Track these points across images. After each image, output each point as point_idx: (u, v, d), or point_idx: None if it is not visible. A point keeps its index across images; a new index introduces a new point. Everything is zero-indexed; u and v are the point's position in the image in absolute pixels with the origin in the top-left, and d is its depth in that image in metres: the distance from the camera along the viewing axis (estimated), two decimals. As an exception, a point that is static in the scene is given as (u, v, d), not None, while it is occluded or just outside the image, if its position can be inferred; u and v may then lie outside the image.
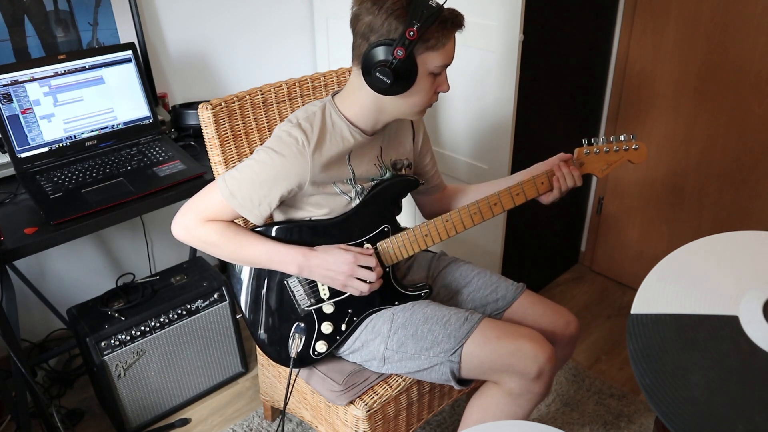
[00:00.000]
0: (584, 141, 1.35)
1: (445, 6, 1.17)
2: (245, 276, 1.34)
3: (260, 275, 1.34)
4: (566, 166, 1.33)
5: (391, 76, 1.16)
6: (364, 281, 1.28)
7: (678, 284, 0.99)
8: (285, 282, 1.33)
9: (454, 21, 1.18)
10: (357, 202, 1.33)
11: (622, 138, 1.34)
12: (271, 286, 1.34)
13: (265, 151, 1.23)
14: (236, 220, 1.30)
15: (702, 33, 1.94)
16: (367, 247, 1.33)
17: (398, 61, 1.15)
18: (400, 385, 1.39)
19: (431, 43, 1.16)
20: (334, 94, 1.33)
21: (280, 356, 1.36)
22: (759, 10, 1.80)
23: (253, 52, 2.34)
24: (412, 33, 1.13)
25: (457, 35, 1.21)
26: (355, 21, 1.19)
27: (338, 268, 1.26)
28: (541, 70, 1.92)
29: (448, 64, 1.23)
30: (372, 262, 1.29)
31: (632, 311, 0.95)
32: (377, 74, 1.17)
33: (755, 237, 1.09)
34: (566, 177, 1.33)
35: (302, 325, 1.34)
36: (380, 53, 1.16)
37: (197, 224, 1.25)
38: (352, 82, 1.27)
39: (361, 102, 1.26)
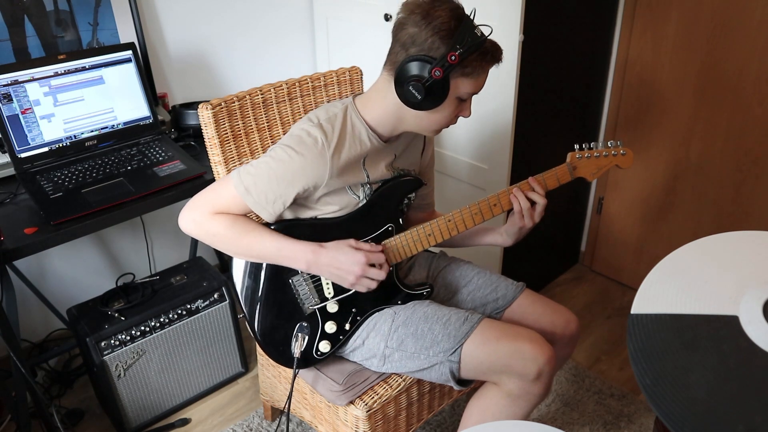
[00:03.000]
0: (576, 146, 1.40)
1: (484, 33, 1.18)
2: (247, 275, 1.34)
3: (263, 274, 1.34)
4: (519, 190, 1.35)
5: (423, 92, 1.17)
6: (372, 279, 1.28)
7: (678, 284, 0.99)
8: (290, 281, 1.33)
9: (494, 54, 1.20)
10: (365, 202, 1.33)
11: (609, 144, 1.41)
12: (275, 286, 1.33)
13: (282, 148, 1.22)
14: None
15: (702, 33, 1.94)
16: (372, 244, 1.33)
17: (433, 80, 1.16)
18: (400, 385, 1.39)
19: (468, 70, 1.18)
20: (355, 96, 1.33)
21: (283, 357, 1.36)
22: (759, 10, 1.80)
23: (253, 52, 2.34)
24: (453, 57, 1.14)
25: None
26: (398, 28, 1.19)
27: (349, 268, 1.26)
28: (541, 70, 1.92)
29: (477, 93, 1.24)
30: (382, 258, 1.29)
31: (632, 311, 0.95)
32: (410, 87, 1.18)
33: (755, 237, 1.09)
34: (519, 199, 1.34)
35: (305, 324, 1.34)
36: (417, 68, 1.16)
37: (207, 217, 1.24)
38: (379, 86, 1.27)
39: (384, 107, 1.26)
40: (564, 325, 1.43)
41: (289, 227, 1.31)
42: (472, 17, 1.18)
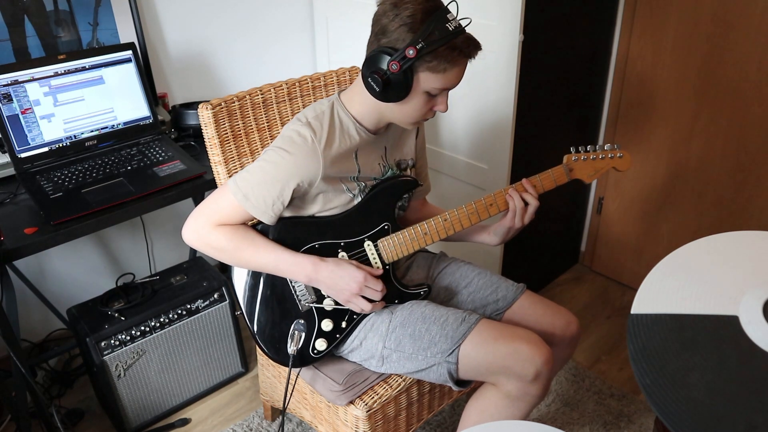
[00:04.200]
0: (572, 149, 1.39)
1: (459, 27, 1.15)
2: (246, 272, 1.35)
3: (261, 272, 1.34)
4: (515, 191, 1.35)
5: (380, 85, 1.16)
6: (368, 300, 1.28)
7: (678, 284, 0.99)
8: (287, 278, 1.33)
9: (463, 50, 1.16)
10: (359, 199, 1.33)
11: (606, 147, 1.41)
12: (273, 282, 1.34)
13: (275, 151, 1.23)
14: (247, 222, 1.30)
15: (702, 33, 1.94)
16: (377, 267, 1.34)
17: (391, 73, 1.15)
18: (400, 385, 1.39)
19: (433, 64, 1.15)
20: (340, 92, 1.33)
21: (279, 354, 1.36)
22: (759, 10, 1.80)
23: (253, 52, 2.34)
24: (411, 51, 1.12)
25: None
26: (375, 18, 1.18)
27: (346, 285, 1.27)
28: (541, 70, 1.92)
29: (449, 89, 1.22)
30: (379, 284, 1.29)
31: (632, 311, 0.95)
32: (369, 79, 1.18)
33: (755, 237, 1.09)
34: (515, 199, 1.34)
35: (302, 322, 1.34)
36: (380, 59, 1.16)
37: (208, 229, 1.25)
38: (360, 79, 1.27)
39: (365, 100, 1.27)
40: (564, 326, 1.42)
41: (286, 225, 1.31)
42: (447, 9, 1.15)
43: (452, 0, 1.19)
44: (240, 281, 1.35)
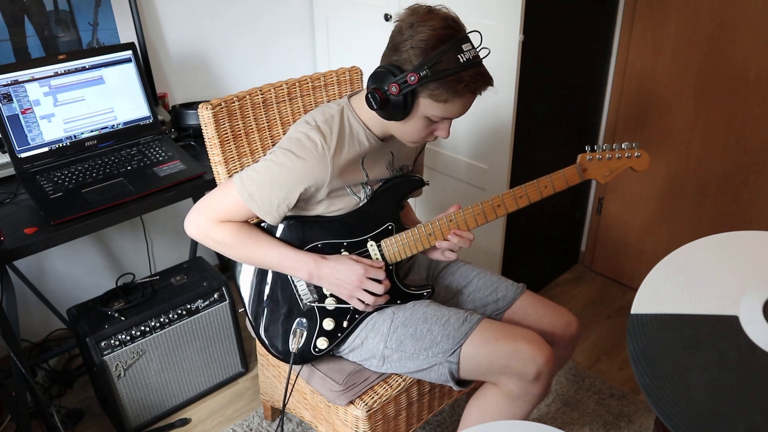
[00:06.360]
0: (587, 147, 1.35)
1: (472, 60, 1.12)
2: (249, 270, 1.35)
3: (264, 269, 1.34)
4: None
5: (379, 102, 1.16)
6: (371, 293, 1.28)
7: (678, 284, 0.99)
8: (288, 276, 1.34)
9: (469, 85, 1.13)
10: (365, 202, 1.33)
11: (624, 146, 1.35)
12: (275, 280, 1.34)
13: (283, 152, 1.22)
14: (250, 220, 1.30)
15: (702, 33, 1.94)
16: (378, 260, 1.33)
17: (390, 94, 1.14)
18: (400, 385, 1.39)
19: (436, 93, 1.13)
20: (350, 96, 1.32)
21: (281, 352, 1.36)
22: (759, 9, 1.80)
23: (253, 52, 2.34)
24: (413, 78, 1.11)
25: None
26: (392, 32, 1.17)
27: (347, 279, 1.27)
28: (541, 70, 1.92)
29: (453, 118, 1.20)
30: (381, 274, 1.29)
31: (632, 311, 0.95)
32: (369, 95, 1.17)
33: (755, 237, 1.09)
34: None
35: (304, 320, 1.34)
36: (384, 77, 1.15)
37: (211, 225, 1.25)
38: None
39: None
40: (564, 326, 1.42)
41: (290, 224, 1.32)
42: (465, 38, 1.13)
43: (474, 30, 1.16)
44: (246, 279, 1.35)
